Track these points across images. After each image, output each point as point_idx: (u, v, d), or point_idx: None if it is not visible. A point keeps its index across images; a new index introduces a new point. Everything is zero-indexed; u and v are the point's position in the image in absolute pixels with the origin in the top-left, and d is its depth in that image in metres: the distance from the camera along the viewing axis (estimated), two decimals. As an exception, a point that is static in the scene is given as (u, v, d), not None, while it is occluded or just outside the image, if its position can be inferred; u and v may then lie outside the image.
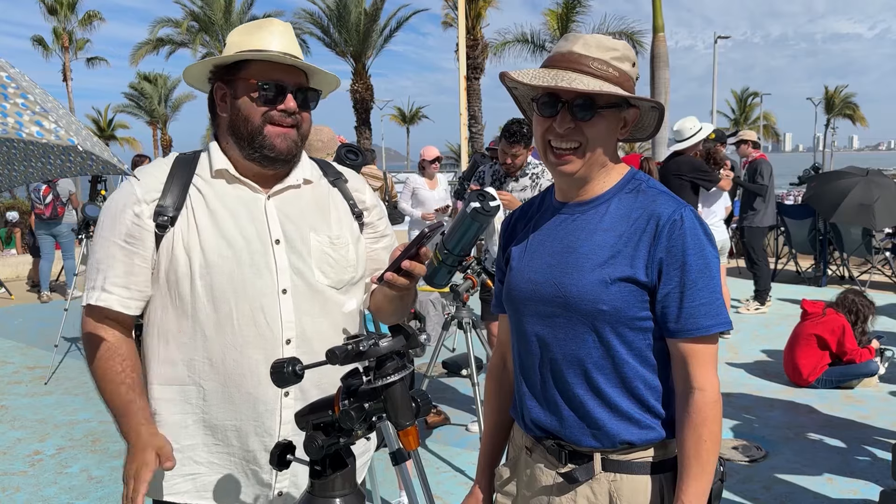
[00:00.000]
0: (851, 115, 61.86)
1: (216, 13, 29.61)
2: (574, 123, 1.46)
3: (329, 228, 1.71)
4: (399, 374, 1.30)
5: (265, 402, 1.63)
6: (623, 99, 1.47)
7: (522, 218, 1.71)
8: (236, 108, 1.61)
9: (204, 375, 1.62)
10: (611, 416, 1.50)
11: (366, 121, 27.05)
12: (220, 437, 1.65)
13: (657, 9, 16.68)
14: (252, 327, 1.61)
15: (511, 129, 4.25)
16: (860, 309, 5.52)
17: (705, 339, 1.45)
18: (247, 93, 1.60)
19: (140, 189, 1.62)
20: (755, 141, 8.26)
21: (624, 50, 1.49)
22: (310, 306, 1.66)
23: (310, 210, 1.71)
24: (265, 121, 1.60)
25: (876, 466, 4.09)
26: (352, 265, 1.74)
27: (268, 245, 1.63)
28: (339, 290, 1.72)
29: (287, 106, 1.61)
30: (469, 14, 23.06)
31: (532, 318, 1.57)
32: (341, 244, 1.72)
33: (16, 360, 6.93)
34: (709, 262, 1.45)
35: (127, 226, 1.60)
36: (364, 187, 1.86)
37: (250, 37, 1.62)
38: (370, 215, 1.83)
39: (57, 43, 40.18)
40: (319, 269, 1.68)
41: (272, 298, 1.62)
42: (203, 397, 1.63)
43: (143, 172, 1.66)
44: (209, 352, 1.61)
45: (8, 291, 10.47)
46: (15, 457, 4.57)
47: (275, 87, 1.60)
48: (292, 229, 1.66)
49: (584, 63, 1.46)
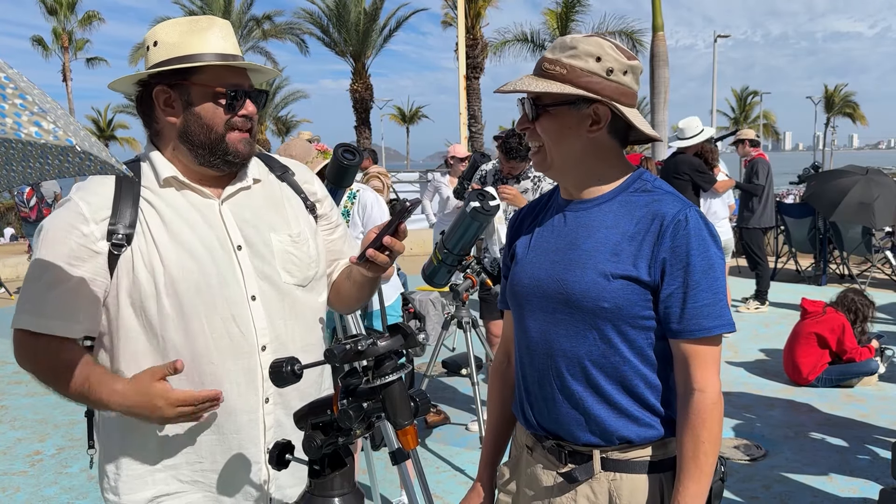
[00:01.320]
0: (851, 113, 61.87)
1: (216, 12, 29.58)
2: (530, 123, 1.52)
3: (288, 226, 1.67)
4: (397, 374, 1.29)
5: (247, 412, 1.59)
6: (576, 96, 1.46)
7: (529, 215, 1.71)
8: (194, 116, 1.54)
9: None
10: (610, 412, 1.50)
11: (365, 120, 27.06)
12: (205, 453, 1.60)
13: (656, 8, 16.68)
14: (226, 339, 1.55)
15: (510, 145, 4.23)
16: (860, 308, 5.52)
17: (708, 340, 1.45)
18: (207, 99, 1.54)
19: (87, 208, 1.52)
20: (754, 140, 8.26)
21: (585, 46, 1.46)
22: (280, 309, 1.63)
23: (265, 210, 1.66)
24: (228, 127, 1.55)
25: (876, 465, 4.09)
26: (314, 260, 1.71)
27: (230, 252, 1.58)
28: (305, 287, 1.69)
29: (248, 111, 1.57)
30: (468, 13, 23.04)
31: (534, 313, 1.57)
32: (302, 241, 1.68)
33: (15, 360, 6.92)
34: (713, 262, 1.44)
35: (71, 247, 1.50)
36: (313, 178, 1.81)
37: (192, 39, 1.53)
38: (322, 207, 1.80)
39: (56, 43, 40.20)
40: (285, 269, 1.64)
41: (243, 307, 1.57)
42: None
43: (86, 190, 1.56)
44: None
45: (7, 291, 10.47)
46: (15, 457, 4.57)
47: (236, 92, 1.55)
48: (252, 233, 1.62)
49: (540, 65, 1.51)
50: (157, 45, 1.56)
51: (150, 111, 1.60)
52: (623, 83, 1.48)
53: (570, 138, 1.50)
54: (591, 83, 1.45)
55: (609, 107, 1.47)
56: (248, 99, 1.57)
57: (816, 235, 9.73)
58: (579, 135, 1.50)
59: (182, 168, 1.60)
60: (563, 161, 1.53)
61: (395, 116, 66.63)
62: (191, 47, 1.53)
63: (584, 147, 1.51)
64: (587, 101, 1.47)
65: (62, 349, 1.54)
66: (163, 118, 1.58)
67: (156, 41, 1.56)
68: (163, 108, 1.57)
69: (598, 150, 1.53)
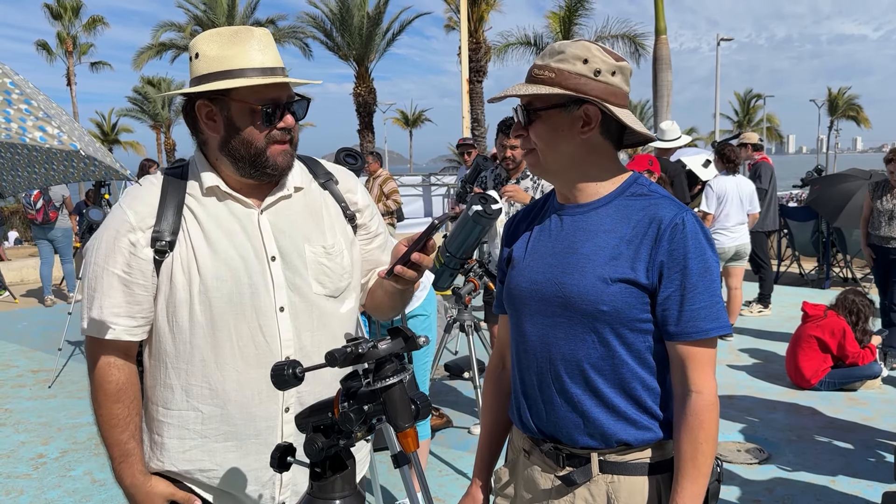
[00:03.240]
0: (855, 116, 61.74)
1: (219, 17, 29.67)
2: (524, 130, 1.56)
3: (323, 237, 1.69)
4: (398, 377, 1.30)
5: (266, 419, 1.62)
6: (566, 97, 1.48)
7: (525, 219, 1.72)
8: (234, 131, 1.56)
9: (203, 400, 1.60)
10: (608, 415, 1.51)
11: (368, 124, 27.09)
12: (220, 459, 1.64)
13: (659, 11, 16.69)
14: (252, 347, 1.59)
15: (507, 123, 4.32)
16: (861, 309, 5.50)
17: (705, 342, 1.46)
18: (245, 115, 1.55)
19: (134, 216, 1.58)
20: (757, 143, 8.26)
21: (572, 49, 1.49)
22: (307, 321, 1.65)
23: (302, 219, 1.68)
24: (268, 141, 1.57)
25: (879, 468, 4.09)
26: (347, 272, 1.72)
27: (264, 263, 1.61)
28: (337, 297, 1.71)
29: (287, 123, 1.59)
30: (471, 17, 23.08)
31: (532, 317, 1.58)
32: (336, 252, 1.69)
33: (20, 364, 6.95)
34: (709, 265, 1.46)
35: (125, 256, 1.56)
36: (356, 187, 1.82)
37: (231, 51, 1.54)
38: (362, 216, 1.80)
39: (61, 47, 40.32)
40: (317, 280, 1.66)
41: (270, 317, 1.60)
42: (201, 422, 1.62)
43: (134, 198, 1.61)
44: (208, 376, 1.59)
45: (12, 295, 10.50)
46: (19, 460, 4.59)
47: (274, 107, 1.56)
48: (287, 244, 1.64)
49: (531, 71, 1.54)
50: (199, 57, 1.57)
51: (195, 122, 1.62)
52: (612, 83, 1.49)
53: (563, 141, 1.52)
54: (579, 84, 1.47)
55: (598, 106, 1.48)
56: (287, 111, 1.59)
57: (819, 239, 9.72)
58: (572, 137, 1.51)
59: (225, 177, 1.63)
60: (557, 164, 1.55)
61: (398, 120, 66.69)
62: (229, 62, 1.54)
63: (578, 149, 1.53)
64: (577, 102, 1.49)
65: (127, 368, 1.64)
66: (206, 130, 1.61)
67: (197, 53, 1.58)
68: (205, 122, 1.60)
69: (592, 151, 1.54)
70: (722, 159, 6.84)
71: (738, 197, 6.71)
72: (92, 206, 6.98)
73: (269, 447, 1.63)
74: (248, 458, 1.64)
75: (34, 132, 1.12)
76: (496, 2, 25.19)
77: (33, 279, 11.47)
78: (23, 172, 1.68)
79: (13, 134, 1.11)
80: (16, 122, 1.12)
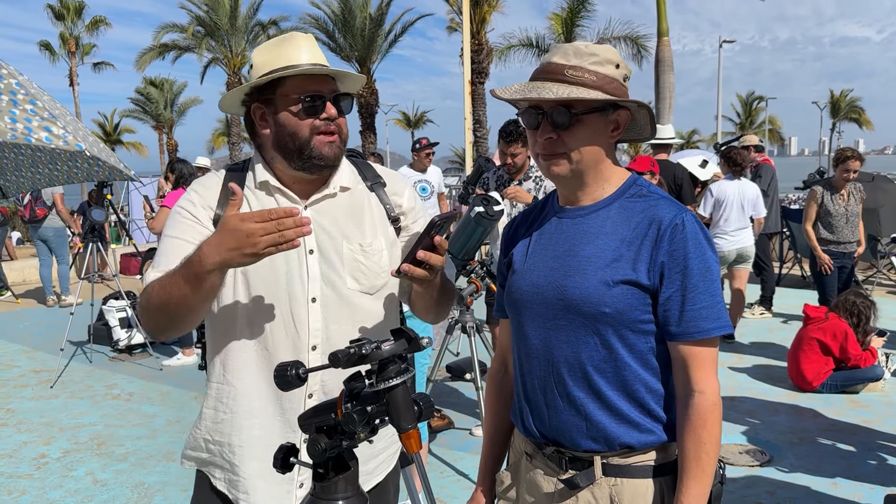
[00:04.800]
0: (857, 118, 61.71)
1: (222, 18, 29.72)
2: (555, 133, 1.49)
3: (362, 236, 1.76)
4: (401, 378, 1.30)
5: (290, 401, 1.71)
6: (606, 102, 1.48)
7: (524, 222, 1.72)
8: (280, 125, 1.66)
9: (236, 375, 1.71)
10: (611, 419, 1.51)
11: (370, 125, 27.13)
12: (246, 436, 1.73)
13: (662, 13, 16.69)
14: (282, 332, 1.69)
15: (507, 129, 4.31)
16: (861, 310, 5.49)
17: (706, 342, 1.47)
18: (288, 108, 1.65)
19: (199, 198, 1.71)
20: (758, 145, 8.26)
21: (605, 53, 1.49)
22: (337, 314, 1.72)
23: (344, 218, 1.75)
24: (312, 132, 1.65)
25: (881, 471, 4.09)
26: (384, 270, 1.78)
27: (303, 255, 1.70)
28: (373, 294, 1.77)
29: (329, 113, 1.66)
30: (473, 18, 23.09)
31: (534, 320, 1.58)
32: (373, 251, 1.76)
33: (22, 364, 6.96)
34: (710, 265, 1.46)
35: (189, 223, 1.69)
36: (403, 190, 1.88)
37: (278, 54, 1.66)
38: (406, 219, 1.86)
39: (64, 48, 40.40)
40: (352, 276, 1.73)
41: (302, 306, 1.69)
42: (233, 398, 1.72)
43: (200, 184, 1.75)
44: (243, 353, 1.70)
45: (14, 295, 10.51)
46: (20, 460, 4.59)
47: (315, 98, 1.64)
48: (325, 239, 1.72)
49: (560, 72, 1.48)
50: (253, 67, 1.70)
51: (253, 127, 1.74)
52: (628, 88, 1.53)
53: (597, 145, 1.52)
54: (616, 89, 1.49)
55: (632, 112, 1.52)
56: (331, 102, 1.67)
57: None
58: (603, 141, 1.53)
59: (278, 173, 1.73)
60: (585, 167, 1.53)
61: (399, 121, 66.69)
62: (274, 63, 1.66)
63: (604, 153, 1.54)
64: (613, 106, 1.50)
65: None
66: (261, 131, 1.71)
67: (251, 65, 1.71)
68: (259, 123, 1.71)
69: (608, 154, 1.56)
70: (728, 163, 6.78)
71: (740, 201, 6.64)
72: (94, 207, 6.99)
73: (293, 429, 1.72)
74: (273, 438, 1.72)
75: (40, 133, 1.13)
76: (498, 3, 25.20)
77: (35, 279, 11.47)
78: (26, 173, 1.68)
79: (18, 134, 1.11)
80: (21, 123, 1.13)
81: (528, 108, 1.52)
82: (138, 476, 4.29)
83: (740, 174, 6.73)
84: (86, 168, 1.47)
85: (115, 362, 6.91)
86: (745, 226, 6.67)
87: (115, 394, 5.93)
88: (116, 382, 6.23)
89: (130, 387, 6.10)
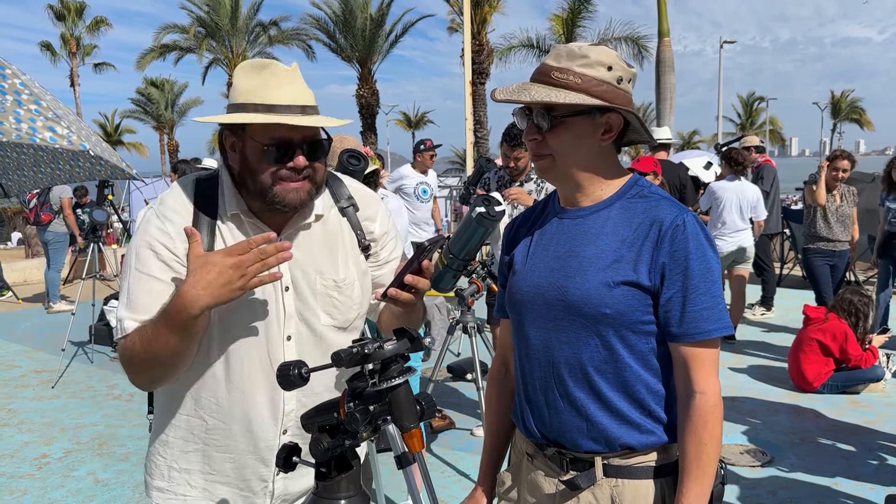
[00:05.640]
0: (858, 119, 61.70)
1: (223, 19, 29.74)
2: (540, 135, 1.50)
3: (335, 271, 1.69)
4: (403, 377, 1.31)
5: (265, 440, 1.66)
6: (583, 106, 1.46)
7: (525, 223, 1.72)
8: (246, 163, 1.56)
9: (210, 411, 1.64)
10: (612, 419, 1.51)
11: (371, 126, 27.13)
12: (217, 467, 1.68)
13: (662, 14, 16.68)
14: (259, 372, 1.62)
15: (511, 133, 4.30)
16: (859, 309, 5.49)
17: (707, 342, 1.46)
18: (256, 151, 1.53)
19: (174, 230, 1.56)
20: (759, 146, 8.26)
21: (596, 55, 1.47)
22: (312, 350, 1.67)
23: (318, 250, 1.68)
24: (276, 179, 1.54)
25: (882, 471, 4.09)
26: (357, 303, 1.73)
27: (279, 292, 1.63)
28: (345, 329, 1.72)
29: (297, 163, 1.54)
30: (474, 19, 23.10)
31: (534, 321, 1.58)
32: (346, 285, 1.70)
33: (23, 364, 6.96)
34: (710, 266, 1.46)
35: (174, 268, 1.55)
36: (376, 215, 1.78)
37: (256, 85, 1.52)
38: (377, 245, 1.79)
39: (65, 48, 40.45)
40: (325, 311, 1.68)
41: (278, 346, 1.63)
42: (205, 430, 1.66)
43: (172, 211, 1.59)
44: (216, 392, 1.63)
45: (15, 295, 10.51)
46: (22, 460, 4.60)
47: (282, 146, 1.52)
48: (300, 275, 1.65)
49: (548, 73, 1.49)
50: (232, 87, 1.59)
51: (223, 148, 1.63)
52: (628, 91, 1.51)
53: (583, 148, 1.51)
54: (605, 92, 1.47)
55: (624, 115, 1.49)
56: (300, 151, 1.54)
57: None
58: (592, 144, 1.51)
59: (248, 202, 1.62)
60: (572, 170, 1.53)
61: (400, 122, 66.66)
62: (253, 95, 1.52)
63: (596, 156, 1.53)
64: (601, 110, 1.48)
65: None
66: (230, 157, 1.61)
67: (231, 83, 1.62)
68: (229, 152, 1.61)
69: (604, 157, 1.54)
70: (729, 163, 6.78)
71: (739, 203, 6.64)
72: (96, 207, 6.99)
73: (264, 463, 1.68)
74: (245, 470, 1.69)
75: (44, 132, 1.13)
76: (499, 4, 25.22)
77: (36, 279, 11.48)
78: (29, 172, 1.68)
79: (23, 134, 1.11)
80: (25, 123, 1.13)
81: (520, 108, 1.54)
82: (139, 476, 4.29)
83: (741, 174, 6.73)
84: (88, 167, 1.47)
85: (116, 362, 6.90)
86: (744, 227, 6.67)
87: (116, 394, 5.93)
88: (117, 382, 6.23)
89: (131, 387, 6.07)
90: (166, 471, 1.70)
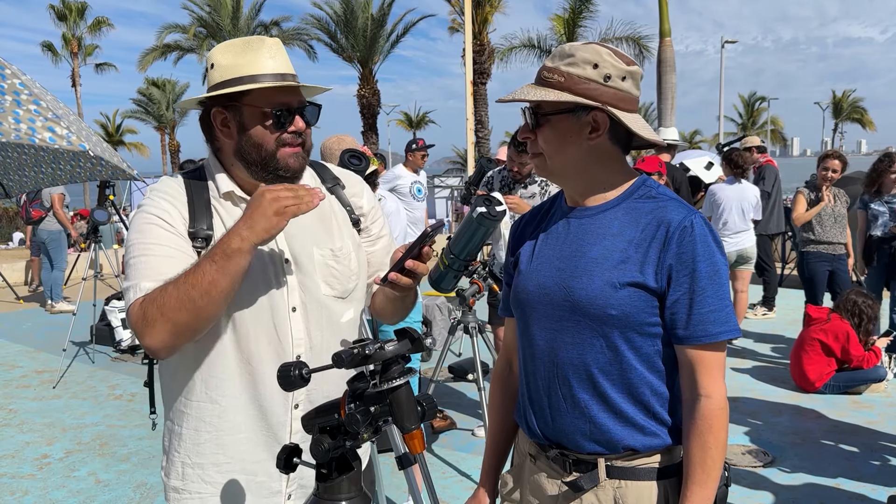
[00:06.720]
0: (860, 119, 61.61)
1: (224, 19, 29.72)
2: (532, 133, 1.54)
3: (332, 241, 1.73)
4: (404, 378, 1.30)
5: (276, 415, 1.67)
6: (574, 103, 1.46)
7: (532, 222, 1.71)
8: (246, 136, 1.60)
9: (220, 391, 1.65)
10: (615, 421, 1.50)
11: (372, 126, 27.12)
12: (232, 452, 1.67)
13: (664, 14, 16.67)
14: (266, 345, 1.64)
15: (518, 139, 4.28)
16: (863, 310, 5.48)
17: (714, 345, 1.45)
18: (256, 119, 1.59)
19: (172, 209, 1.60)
20: (760, 146, 8.25)
21: (583, 53, 1.46)
22: (317, 320, 1.69)
23: (312, 223, 1.72)
24: (278, 144, 1.61)
25: (884, 471, 4.08)
26: (354, 273, 1.77)
27: (279, 265, 1.66)
28: (345, 298, 1.75)
29: (297, 127, 1.62)
30: (476, 19, 23.10)
31: (539, 321, 1.57)
32: (343, 255, 1.74)
33: (24, 364, 6.96)
34: (718, 268, 1.44)
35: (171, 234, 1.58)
36: (362, 191, 1.87)
37: (243, 59, 1.59)
38: (366, 220, 1.85)
39: (66, 48, 40.48)
40: (325, 281, 1.71)
41: (283, 317, 1.65)
42: (217, 415, 1.66)
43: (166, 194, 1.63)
44: (226, 369, 1.64)
45: (16, 295, 10.52)
46: (23, 460, 4.59)
47: (284, 111, 1.60)
48: (297, 246, 1.69)
49: (540, 73, 1.52)
50: (214, 67, 1.62)
51: (210, 129, 1.67)
52: (622, 89, 1.48)
53: (571, 146, 1.51)
54: (588, 90, 1.46)
55: (607, 113, 1.47)
56: (298, 115, 1.63)
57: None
58: (579, 143, 1.50)
59: (240, 181, 1.67)
60: (563, 168, 1.54)
61: (401, 122, 66.66)
62: (242, 69, 1.59)
63: (586, 154, 1.52)
64: (586, 108, 1.47)
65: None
66: (221, 137, 1.65)
67: (213, 63, 1.63)
68: (220, 129, 1.64)
69: (600, 156, 1.53)
70: (729, 164, 6.76)
71: (740, 205, 6.64)
72: (97, 207, 6.99)
73: (278, 442, 1.67)
74: (258, 451, 1.68)
75: (43, 133, 1.13)
76: (500, 4, 25.22)
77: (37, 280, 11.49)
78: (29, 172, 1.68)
79: (22, 135, 1.11)
80: (25, 123, 1.12)
81: (521, 109, 1.56)
82: (141, 476, 4.29)
83: (741, 176, 6.72)
84: (89, 168, 1.46)
85: (117, 363, 6.91)
86: (745, 228, 6.67)
87: (117, 394, 5.93)
88: (119, 383, 6.23)
89: (133, 387, 6.10)
90: (180, 468, 1.71)
